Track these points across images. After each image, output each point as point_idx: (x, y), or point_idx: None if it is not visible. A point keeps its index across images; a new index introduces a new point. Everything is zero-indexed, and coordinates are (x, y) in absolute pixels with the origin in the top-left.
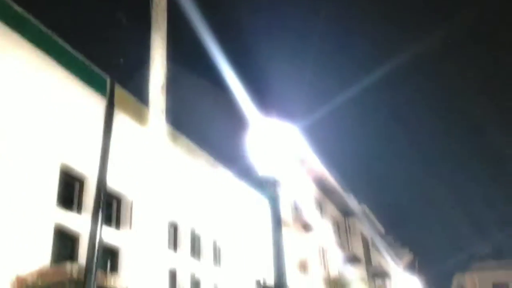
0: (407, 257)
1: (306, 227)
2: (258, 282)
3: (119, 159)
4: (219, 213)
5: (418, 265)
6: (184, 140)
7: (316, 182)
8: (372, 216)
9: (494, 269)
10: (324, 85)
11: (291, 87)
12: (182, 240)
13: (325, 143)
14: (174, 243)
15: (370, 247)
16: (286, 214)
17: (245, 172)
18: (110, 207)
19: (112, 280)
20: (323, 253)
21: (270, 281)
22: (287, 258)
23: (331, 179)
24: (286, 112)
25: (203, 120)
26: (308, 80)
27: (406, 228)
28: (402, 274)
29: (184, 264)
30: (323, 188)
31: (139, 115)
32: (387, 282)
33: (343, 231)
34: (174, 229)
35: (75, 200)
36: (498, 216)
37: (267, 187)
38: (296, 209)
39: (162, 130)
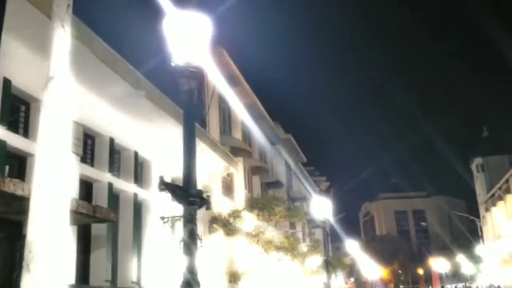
0: (324, 184)
1: (233, 150)
2: (160, 178)
3: (25, 55)
4: (140, 124)
5: (333, 193)
6: (100, 43)
7: (246, 107)
8: (296, 146)
9: (395, 199)
10: None
11: None
12: (99, 151)
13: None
14: (91, 154)
15: (292, 174)
16: (214, 136)
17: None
18: (17, 112)
19: (12, 185)
20: (248, 176)
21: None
22: (213, 179)
23: (259, 105)
24: (200, 3)
25: (116, 17)
26: None
27: (326, 160)
28: (318, 198)
29: (101, 176)
30: (252, 114)
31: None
32: (304, 204)
33: (269, 157)
34: (91, 141)
35: None
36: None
37: (181, 79)
38: (225, 132)
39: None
